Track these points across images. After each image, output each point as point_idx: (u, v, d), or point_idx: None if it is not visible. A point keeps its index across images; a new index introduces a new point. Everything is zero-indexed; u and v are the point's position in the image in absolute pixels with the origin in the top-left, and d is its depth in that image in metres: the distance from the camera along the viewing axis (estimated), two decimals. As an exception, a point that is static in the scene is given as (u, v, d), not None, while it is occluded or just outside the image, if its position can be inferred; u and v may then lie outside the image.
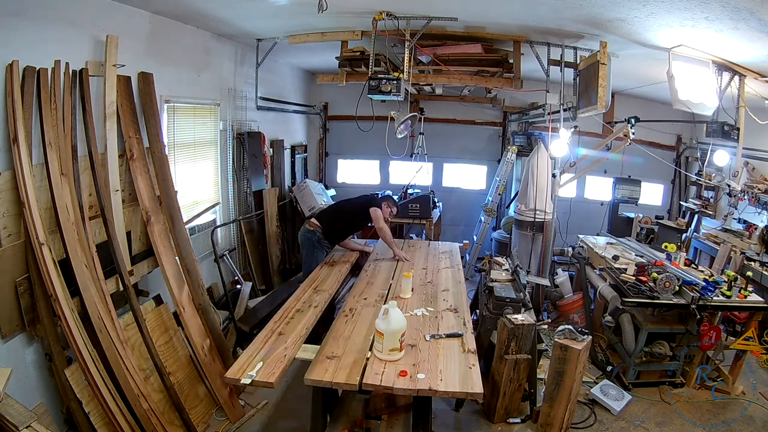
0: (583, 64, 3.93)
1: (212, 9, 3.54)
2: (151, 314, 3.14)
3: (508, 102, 7.12)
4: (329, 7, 3.00)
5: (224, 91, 4.61)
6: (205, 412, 3.22)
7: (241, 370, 2.29)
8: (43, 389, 2.58)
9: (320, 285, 3.50)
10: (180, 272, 3.31)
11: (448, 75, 4.25)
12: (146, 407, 2.66)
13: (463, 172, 7.68)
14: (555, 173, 4.25)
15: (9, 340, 2.40)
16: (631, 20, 3.06)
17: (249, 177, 4.99)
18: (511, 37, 4.06)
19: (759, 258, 4.45)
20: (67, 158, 2.66)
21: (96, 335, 2.55)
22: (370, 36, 3.88)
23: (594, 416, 3.46)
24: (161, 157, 3.37)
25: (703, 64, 3.58)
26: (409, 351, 2.49)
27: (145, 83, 3.31)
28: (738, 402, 3.69)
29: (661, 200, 7.08)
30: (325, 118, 7.46)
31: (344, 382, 2.24)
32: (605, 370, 3.96)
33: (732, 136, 3.99)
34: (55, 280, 2.41)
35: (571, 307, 4.78)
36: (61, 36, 2.67)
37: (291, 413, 3.34)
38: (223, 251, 4.45)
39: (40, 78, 2.52)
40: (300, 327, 2.77)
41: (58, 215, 2.51)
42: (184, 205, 3.71)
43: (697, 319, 3.61)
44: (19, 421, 1.87)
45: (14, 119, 2.35)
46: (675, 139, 6.74)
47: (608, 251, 4.61)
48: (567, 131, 4.15)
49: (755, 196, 4.98)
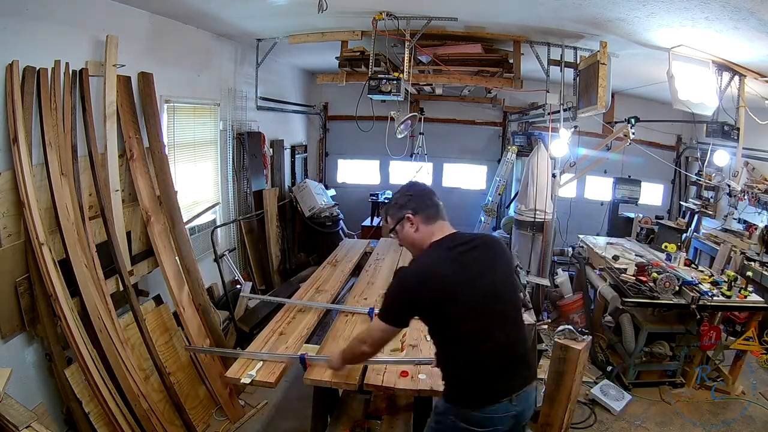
0: (583, 64, 3.93)
1: (212, 9, 3.54)
2: (151, 314, 3.14)
3: (508, 102, 7.11)
4: (329, 7, 2.99)
5: (224, 91, 4.61)
6: (205, 412, 3.22)
7: (241, 370, 2.30)
8: (43, 389, 2.58)
9: (322, 285, 3.49)
10: (180, 272, 3.31)
11: (448, 75, 4.25)
12: (146, 407, 2.66)
13: (463, 172, 7.68)
14: (555, 173, 4.24)
15: (9, 340, 2.40)
16: (631, 20, 3.06)
17: (249, 177, 4.99)
18: (511, 37, 4.06)
19: (759, 258, 4.44)
20: (67, 158, 2.66)
21: (96, 335, 2.54)
22: (370, 36, 3.87)
23: (594, 416, 3.46)
24: (161, 157, 3.37)
25: (703, 64, 3.58)
26: (411, 351, 2.49)
27: (145, 83, 3.31)
28: (738, 402, 3.69)
29: (661, 200, 7.07)
30: (325, 118, 7.46)
31: (344, 382, 2.24)
32: (605, 370, 3.96)
33: (732, 136, 3.99)
34: (55, 280, 2.41)
35: (571, 307, 4.78)
36: (61, 36, 2.67)
37: (291, 413, 3.34)
38: (223, 251, 4.45)
39: (40, 78, 2.51)
40: (301, 327, 2.77)
41: (58, 215, 2.51)
42: (184, 205, 3.71)
43: (697, 319, 3.61)
44: (19, 421, 1.87)
45: (14, 119, 2.34)
46: (675, 139, 6.74)
47: (608, 251, 4.61)
48: (567, 131, 4.15)
49: (755, 196, 4.98)
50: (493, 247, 1.85)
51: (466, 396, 1.74)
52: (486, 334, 1.72)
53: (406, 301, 1.74)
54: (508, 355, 1.75)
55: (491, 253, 1.82)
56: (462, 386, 1.76)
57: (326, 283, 3.55)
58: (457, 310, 1.69)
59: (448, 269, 1.70)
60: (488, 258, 1.79)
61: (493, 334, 1.72)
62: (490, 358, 1.71)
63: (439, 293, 1.68)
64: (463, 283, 1.69)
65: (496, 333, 1.73)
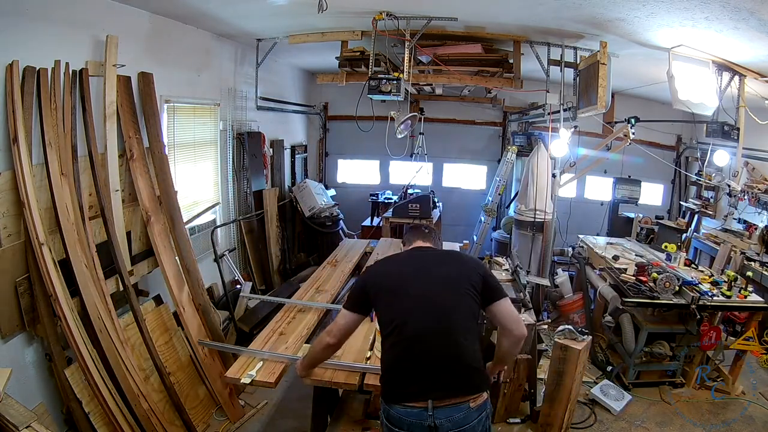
0: (583, 64, 3.93)
1: (212, 9, 3.54)
2: (151, 314, 3.14)
3: (508, 102, 7.11)
4: (329, 7, 2.99)
5: (224, 91, 4.61)
6: (205, 412, 3.22)
7: (241, 370, 2.30)
8: (43, 389, 2.58)
9: (322, 285, 3.49)
10: (180, 272, 3.31)
11: (448, 75, 4.24)
12: (146, 407, 2.66)
13: (463, 172, 7.68)
14: (555, 173, 4.24)
15: (9, 340, 2.40)
16: (631, 20, 3.06)
17: (249, 177, 4.99)
18: (511, 37, 4.06)
19: (759, 258, 4.44)
20: (67, 158, 2.66)
21: (96, 335, 2.54)
22: (370, 36, 3.87)
23: (594, 416, 3.46)
24: (161, 157, 3.37)
25: (703, 64, 3.58)
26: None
27: (145, 83, 3.31)
28: (738, 402, 3.69)
29: (661, 200, 7.07)
30: (325, 118, 7.46)
31: (344, 382, 2.24)
32: (605, 370, 3.96)
33: (732, 136, 3.99)
34: (55, 280, 2.41)
35: (571, 307, 4.77)
36: (61, 36, 2.67)
37: (291, 413, 3.33)
38: (223, 251, 4.45)
39: (40, 78, 2.51)
40: (301, 327, 2.78)
41: (58, 215, 2.51)
42: (184, 205, 3.71)
43: (697, 319, 3.61)
44: (19, 421, 1.87)
45: (14, 119, 2.34)
46: (675, 139, 6.74)
47: (608, 251, 4.61)
48: (567, 131, 4.15)
49: (755, 196, 4.98)
50: (451, 261, 2.02)
51: (383, 388, 1.84)
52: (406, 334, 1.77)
53: (359, 286, 2.00)
54: (430, 359, 1.74)
55: (446, 261, 2.00)
56: (382, 378, 1.85)
57: (326, 283, 3.56)
58: (385, 301, 1.87)
59: (395, 267, 2.01)
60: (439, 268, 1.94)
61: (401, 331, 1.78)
62: (405, 355, 1.77)
63: (379, 282, 1.92)
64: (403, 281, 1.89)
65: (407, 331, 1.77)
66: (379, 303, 1.88)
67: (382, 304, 1.87)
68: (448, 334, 1.76)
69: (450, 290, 1.84)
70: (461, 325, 1.80)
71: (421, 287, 1.85)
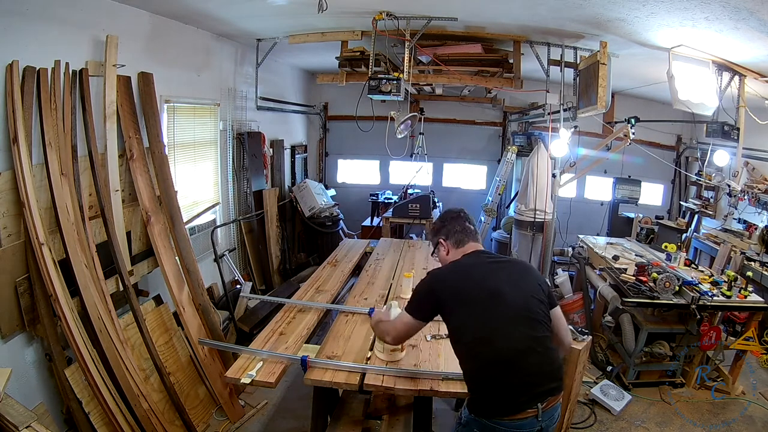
0: (583, 64, 3.93)
1: (212, 9, 3.54)
2: (151, 314, 3.14)
3: (508, 102, 7.12)
4: (329, 7, 2.99)
5: (224, 91, 4.61)
6: (205, 412, 3.22)
7: (241, 370, 2.30)
8: (43, 389, 2.58)
9: (322, 285, 3.49)
10: (180, 272, 3.31)
11: (448, 75, 4.24)
12: (146, 407, 2.66)
13: (463, 172, 7.68)
14: (555, 173, 4.24)
15: (9, 340, 2.40)
16: (631, 20, 3.06)
17: (249, 177, 4.99)
18: (511, 37, 4.06)
19: (759, 258, 4.44)
20: (67, 158, 2.66)
21: (96, 335, 2.54)
22: (370, 36, 3.87)
23: (594, 416, 3.46)
24: (161, 157, 3.37)
25: (703, 64, 3.58)
26: (410, 351, 2.49)
27: (145, 83, 3.31)
28: (738, 402, 3.69)
29: (661, 200, 7.07)
30: (325, 118, 7.46)
31: (344, 382, 2.24)
32: (605, 370, 3.96)
33: (732, 136, 3.99)
34: (55, 280, 2.41)
35: (571, 307, 4.77)
36: (61, 36, 2.67)
37: (291, 413, 3.34)
38: (223, 251, 4.45)
39: (40, 78, 2.51)
40: (301, 327, 2.77)
41: (58, 215, 2.51)
42: (184, 205, 3.71)
43: (697, 319, 3.61)
44: (19, 421, 1.87)
45: (14, 119, 2.34)
46: (675, 139, 6.74)
47: (608, 251, 4.61)
48: (567, 131, 4.15)
49: (755, 196, 4.98)
50: (520, 267, 1.99)
51: (483, 404, 1.78)
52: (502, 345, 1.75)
53: (428, 294, 1.89)
54: (531, 368, 1.76)
55: (517, 270, 1.95)
56: (479, 392, 1.80)
57: (326, 283, 3.55)
58: (467, 311, 1.80)
59: (469, 274, 1.89)
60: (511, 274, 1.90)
61: (499, 344, 1.75)
62: (508, 368, 1.74)
63: (455, 292, 1.83)
64: (484, 291, 1.82)
65: (504, 343, 1.75)
66: (459, 313, 1.82)
67: (465, 315, 1.81)
68: (541, 341, 1.81)
69: (532, 298, 1.86)
70: (547, 329, 1.86)
71: (508, 297, 1.81)
